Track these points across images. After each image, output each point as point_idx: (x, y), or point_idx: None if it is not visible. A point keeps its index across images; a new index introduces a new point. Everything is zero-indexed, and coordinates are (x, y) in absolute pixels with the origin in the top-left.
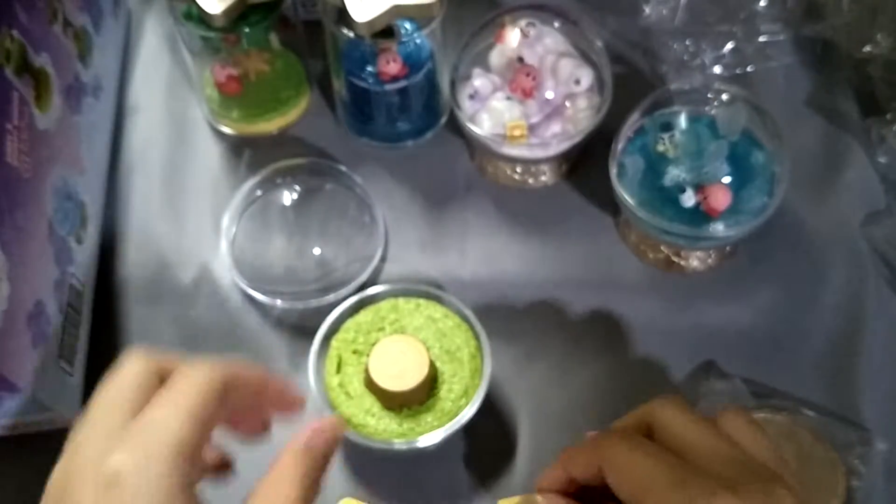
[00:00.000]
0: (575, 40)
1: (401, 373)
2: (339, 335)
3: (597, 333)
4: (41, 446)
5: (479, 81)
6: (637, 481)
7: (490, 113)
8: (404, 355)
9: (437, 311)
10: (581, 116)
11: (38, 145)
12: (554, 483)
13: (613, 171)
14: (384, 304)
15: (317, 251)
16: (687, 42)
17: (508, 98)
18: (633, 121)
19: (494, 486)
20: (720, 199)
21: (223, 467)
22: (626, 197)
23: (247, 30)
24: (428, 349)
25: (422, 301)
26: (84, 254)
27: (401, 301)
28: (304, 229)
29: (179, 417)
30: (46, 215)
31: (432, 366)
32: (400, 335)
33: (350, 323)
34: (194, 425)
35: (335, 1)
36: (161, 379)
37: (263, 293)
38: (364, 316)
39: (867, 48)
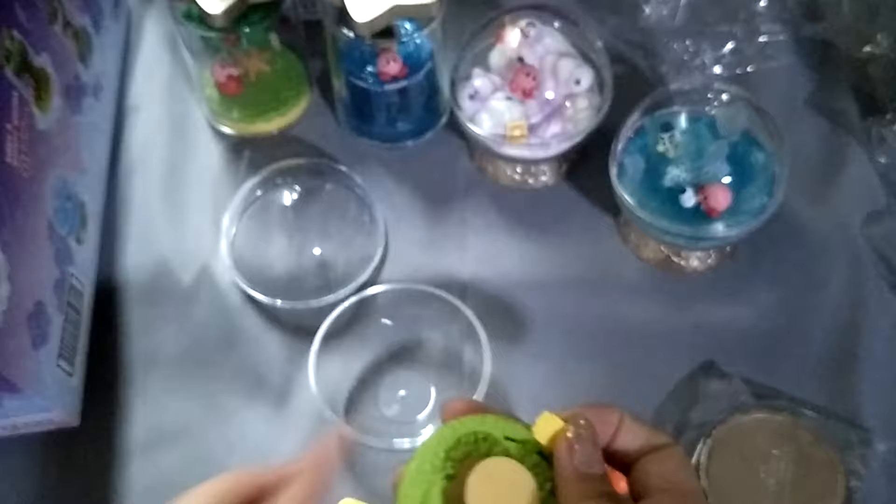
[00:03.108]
0: (575, 40)
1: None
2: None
3: (597, 333)
4: (41, 446)
5: (479, 81)
6: None
7: (490, 113)
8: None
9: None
10: (581, 116)
11: (38, 145)
12: None
13: (613, 171)
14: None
15: (317, 251)
16: (687, 42)
17: (508, 98)
18: (633, 121)
19: None
20: (720, 199)
21: None
22: (626, 197)
23: (247, 30)
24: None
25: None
26: (84, 254)
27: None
28: (304, 229)
29: None
30: (46, 215)
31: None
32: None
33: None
34: None
35: (335, 1)
36: None
37: (263, 293)
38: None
39: (867, 48)
